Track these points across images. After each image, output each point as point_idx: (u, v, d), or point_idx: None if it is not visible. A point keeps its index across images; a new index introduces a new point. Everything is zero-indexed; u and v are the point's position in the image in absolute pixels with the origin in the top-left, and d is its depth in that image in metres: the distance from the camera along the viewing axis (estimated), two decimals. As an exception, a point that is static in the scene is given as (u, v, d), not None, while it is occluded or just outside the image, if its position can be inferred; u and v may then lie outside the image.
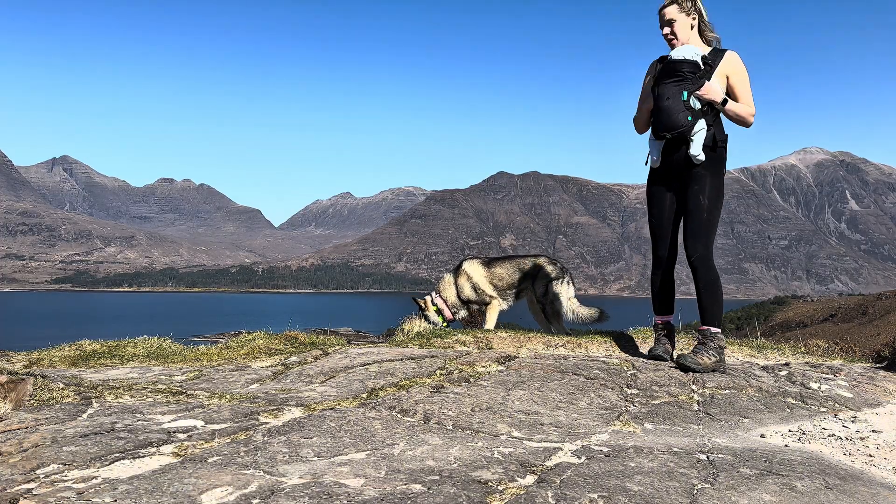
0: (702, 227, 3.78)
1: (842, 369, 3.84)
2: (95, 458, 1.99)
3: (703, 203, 3.76)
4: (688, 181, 3.83)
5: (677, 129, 3.74)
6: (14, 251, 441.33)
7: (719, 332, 3.76)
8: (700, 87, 3.73)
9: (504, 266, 5.64)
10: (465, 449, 2.24)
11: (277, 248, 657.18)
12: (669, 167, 3.91)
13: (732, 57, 3.84)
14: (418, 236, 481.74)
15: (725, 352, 3.83)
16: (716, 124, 3.81)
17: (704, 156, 3.75)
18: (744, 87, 3.83)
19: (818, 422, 2.91)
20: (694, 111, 3.73)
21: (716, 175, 3.81)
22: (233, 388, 3.17)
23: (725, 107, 3.75)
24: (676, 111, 3.73)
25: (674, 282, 4.10)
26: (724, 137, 3.86)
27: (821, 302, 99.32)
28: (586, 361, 3.75)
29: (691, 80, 3.74)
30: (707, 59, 3.80)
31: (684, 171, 3.83)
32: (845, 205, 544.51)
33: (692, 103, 3.74)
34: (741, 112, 3.78)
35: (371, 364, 3.60)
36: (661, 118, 3.80)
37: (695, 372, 3.56)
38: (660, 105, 3.81)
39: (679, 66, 3.77)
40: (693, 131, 3.73)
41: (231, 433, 2.30)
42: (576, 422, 2.71)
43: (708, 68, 3.78)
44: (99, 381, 3.10)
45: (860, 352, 5.52)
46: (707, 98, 3.72)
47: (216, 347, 4.49)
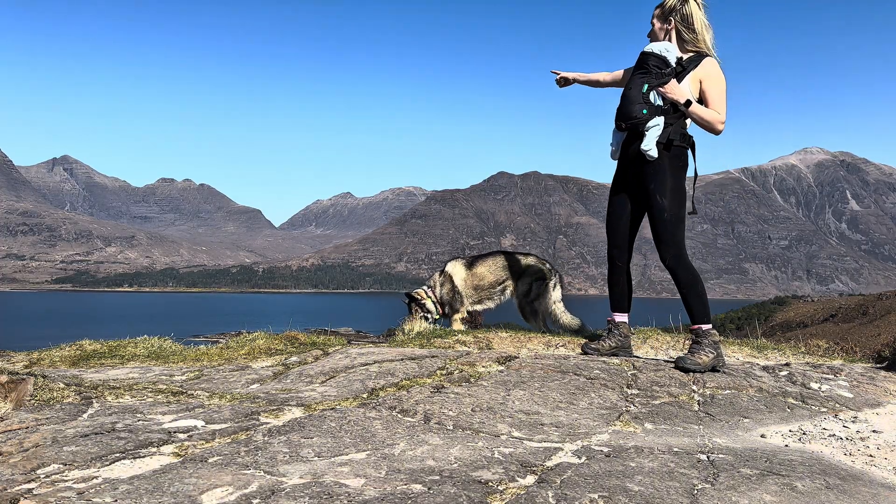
0: (667, 229, 3.75)
1: (842, 369, 3.84)
2: (96, 458, 1.99)
3: (661, 203, 3.74)
4: (644, 178, 3.80)
5: (630, 119, 3.73)
6: (14, 251, 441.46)
7: (710, 327, 3.75)
8: (665, 83, 3.70)
9: (486, 264, 5.63)
10: (466, 449, 2.24)
11: (278, 248, 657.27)
12: (628, 161, 3.90)
13: (708, 62, 3.82)
14: (419, 236, 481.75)
15: (722, 348, 3.84)
16: (677, 125, 3.76)
17: (657, 152, 3.70)
18: (716, 93, 3.77)
19: (819, 422, 2.91)
20: (651, 106, 3.70)
21: (673, 175, 3.75)
22: (233, 388, 3.17)
23: (689, 108, 3.70)
24: (634, 102, 3.73)
25: (628, 280, 4.10)
26: (685, 139, 3.80)
27: (821, 302, 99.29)
28: (587, 361, 3.74)
29: (655, 74, 3.72)
30: (682, 61, 3.79)
31: (640, 167, 3.81)
32: (846, 205, 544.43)
33: (651, 98, 3.71)
34: (706, 116, 3.71)
35: (371, 364, 3.60)
36: (620, 107, 3.81)
37: (696, 372, 3.56)
38: (624, 93, 3.83)
39: (646, 58, 3.76)
40: (647, 125, 3.69)
41: (231, 433, 2.30)
42: (576, 422, 2.71)
43: (681, 69, 3.77)
44: (99, 381, 3.10)
45: (861, 352, 5.51)
46: (669, 96, 3.70)
47: (216, 347, 4.49)
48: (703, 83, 3.78)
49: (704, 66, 3.80)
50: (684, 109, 3.72)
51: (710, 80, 3.77)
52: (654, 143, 3.69)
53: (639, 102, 3.71)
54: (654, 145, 3.69)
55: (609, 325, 4.14)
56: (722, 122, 3.74)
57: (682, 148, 3.80)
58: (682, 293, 3.78)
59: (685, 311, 3.87)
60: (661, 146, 3.72)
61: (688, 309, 3.81)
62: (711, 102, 3.77)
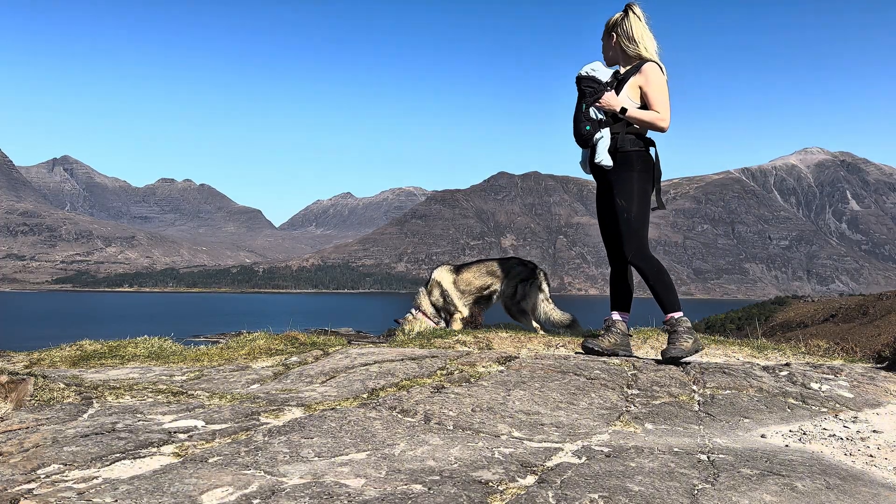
0: (628, 228, 4.03)
1: (842, 369, 3.84)
2: (96, 458, 1.99)
3: (619, 204, 4.04)
4: (609, 185, 4.11)
5: (581, 138, 4.12)
6: (15, 251, 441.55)
7: (681, 314, 3.99)
8: (599, 98, 4.03)
9: (471, 270, 5.75)
10: (466, 449, 2.24)
11: (278, 249, 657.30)
12: (595, 175, 4.23)
13: (646, 67, 4.07)
14: (419, 236, 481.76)
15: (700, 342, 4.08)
16: (623, 132, 4.04)
17: (611, 160, 4.02)
18: (655, 95, 4.02)
19: (819, 422, 2.91)
20: (593, 121, 4.05)
21: (635, 177, 4.03)
22: (233, 388, 3.17)
23: (626, 114, 4.00)
24: (578, 122, 4.11)
25: (626, 281, 4.30)
26: (636, 143, 4.06)
27: (821, 302, 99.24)
28: (587, 362, 3.75)
29: (589, 93, 4.07)
30: (621, 74, 4.12)
31: (604, 176, 4.13)
32: (846, 205, 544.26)
33: (592, 114, 4.06)
34: (645, 118, 3.99)
35: (372, 364, 3.60)
36: (573, 130, 4.18)
37: (680, 358, 3.79)
38: (572, 118, 4.18)
39: (579, 83, 4.14)
40: (594, 139, 4.05)
41: (232, 433, 2.30)
42: (576, 422, 2.71)
43: (617, 81, 4.08)
44: (99, 382, 3.10)
45: (861, 352, 5.51)
46: (606, 108, 4.01)
47: (217, 347, 4.49)
48: (643, 88, 4.05)
49: (642, 72, 4.06)
50: (623, 116, 4.01)
51: (647, 84, 4.04)
52: (605, 153, 4.03)
53: (581, 121, 4.08)
54: (605, 155, 4.03)
55: (606, 323, 4.27)
56: (663, 121, 4.01)
57: (636, 152, 4.06)
58: (650, 286, 4.03)
59: (657, 304, 4.07)
60: (613, 154, 4.04)
61: (659, 300, 4.03)
62: (652, 104, 4.03)
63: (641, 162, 4.07)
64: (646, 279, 4.05)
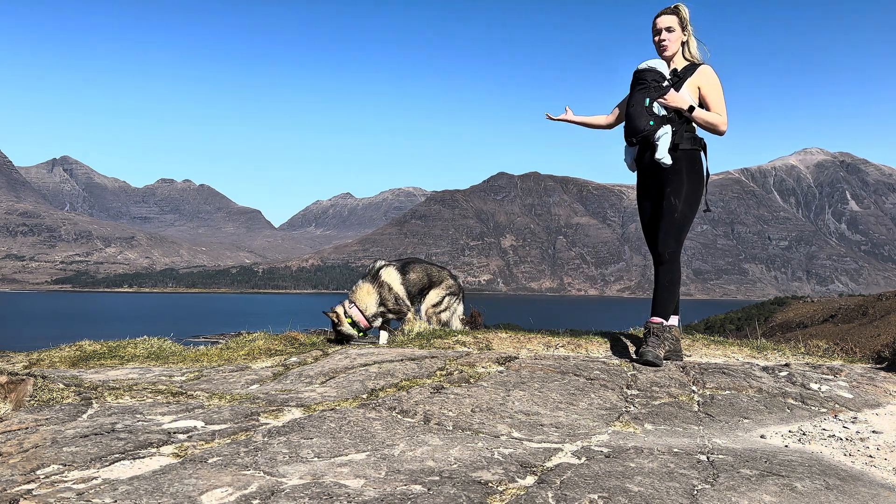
0: (673, 226, 3.98)
1: (842, 370, 3.84)
2: (95, 458, 1.99)
3: (674, 204, 3.97)
4: (662, 184, 4.02)
5: (639, 133, 3.97)
6: (14, 251, 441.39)
7: (665, 322, 3.99)
8: (665, 94, 3.94)
9: (416, 272, 5.67)
10: (466, 449, 2.24)
11: (277, 249, 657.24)
12: (645, 171, 4.15)
13: (705, 69, 4.05)
14: (419, 237, 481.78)
15: (683, 344, 4.19)
16: (681, 130, 3.97)
17: (670, 159, 3.94)
18: (715, 97, 4.02)
19: (818, 422, 2.91)
20: (656, 117, 3.94)
21: (688, 178, 3.98)
22: (233, 388, 3.17)
23: (692, 114, 3.94)
24: (639, 116, 3.97)
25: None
26: (695, 143, 4.01)
27: (821, 302, 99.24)
28: (586, 362, 3.75)
29: (654, 87, 3.96)
30: (679, 72, 4.04)
31: (658, 175, 4.04)
32: (845, 205, 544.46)
33: (655, 109, 3.95)
34: (709, 119, 3.96)
35: (371, 365, 3.60)
36: (627, 124, 4.07)
37: (656, 363, 3.76)
38: (628, 112, 4.08)
39: (644, 75, 4.01)
40: (656, 136, 3.94)
41: (231, 434, 2.30)
42: (576, 422, 2.71)
43: (678, 79, 4.01)
44: (99, 382, 3.10)
45: (860, 352, 5.51)
46: (671, 105, 3.93)
47: (216, 348, 4.49)
48: (703, 89, 4.03)
49: (702, 74, 4.03)
50: (688, 115, 3.94)
51: (709, 86, 4.02)
52: (666, 151, 3.93)
53: (644, 116, 3.95)
54: (666, 153, 3.93)
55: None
56: (724, 124, 3.99)
57: (693, 151, 4.01)
58: (663, 286, 4.00)
59: (653, 301, 4.06)
60: (673, 152, 3.95)
61: (659, 302, 4.00)
62: (712, 106, 4.01)
63: (698, 163, 4.03)
64: (663, 279, 3.99)
